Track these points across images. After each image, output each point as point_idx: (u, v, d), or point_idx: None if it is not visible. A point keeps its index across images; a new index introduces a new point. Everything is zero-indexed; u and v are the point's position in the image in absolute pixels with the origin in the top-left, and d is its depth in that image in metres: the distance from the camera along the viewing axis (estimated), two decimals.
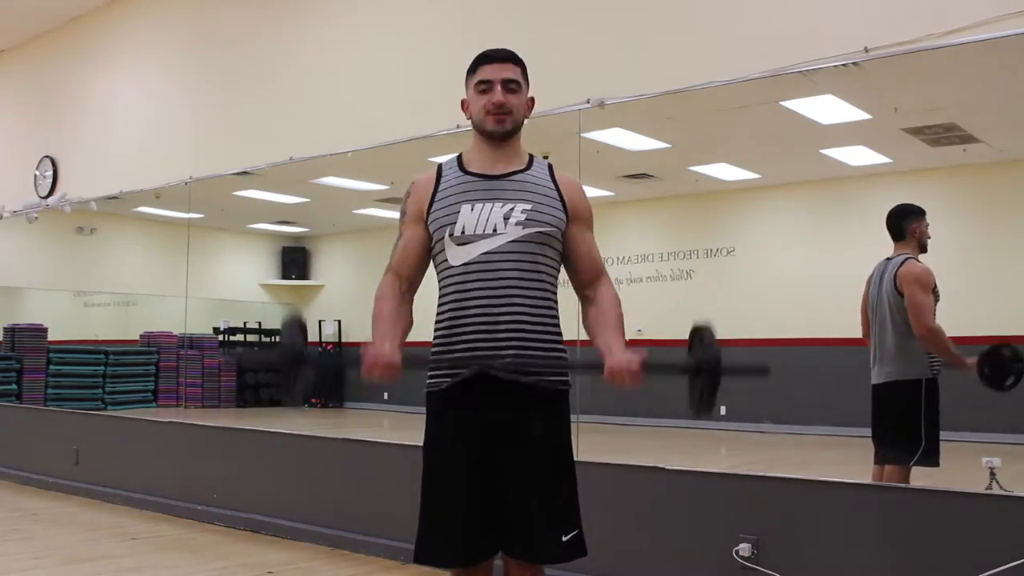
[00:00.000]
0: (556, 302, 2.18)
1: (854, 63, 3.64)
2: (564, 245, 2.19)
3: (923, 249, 3.93)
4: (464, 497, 2.07)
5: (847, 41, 3.61)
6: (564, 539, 2.07)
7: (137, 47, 7.40)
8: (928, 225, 3.94)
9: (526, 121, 2.24)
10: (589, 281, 2.22)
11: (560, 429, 2.16)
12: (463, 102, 2.24)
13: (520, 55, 2.21)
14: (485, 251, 2.09)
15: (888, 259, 3.97)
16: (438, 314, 2.16)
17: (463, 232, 2.10)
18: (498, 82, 2.14)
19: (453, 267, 2.12)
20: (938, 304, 3.83)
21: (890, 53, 3.51)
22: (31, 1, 7.77)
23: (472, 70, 2.20)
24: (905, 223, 3.93)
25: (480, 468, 2.07)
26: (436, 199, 2.16)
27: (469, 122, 2.23)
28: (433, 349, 2.16)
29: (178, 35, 7.04)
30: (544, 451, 2.11)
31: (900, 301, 3.82)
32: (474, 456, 2.07)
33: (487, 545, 2.09)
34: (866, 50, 3.54)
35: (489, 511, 2.07)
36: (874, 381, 3.94)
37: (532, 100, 2.23)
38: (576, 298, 2.28)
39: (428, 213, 2.16)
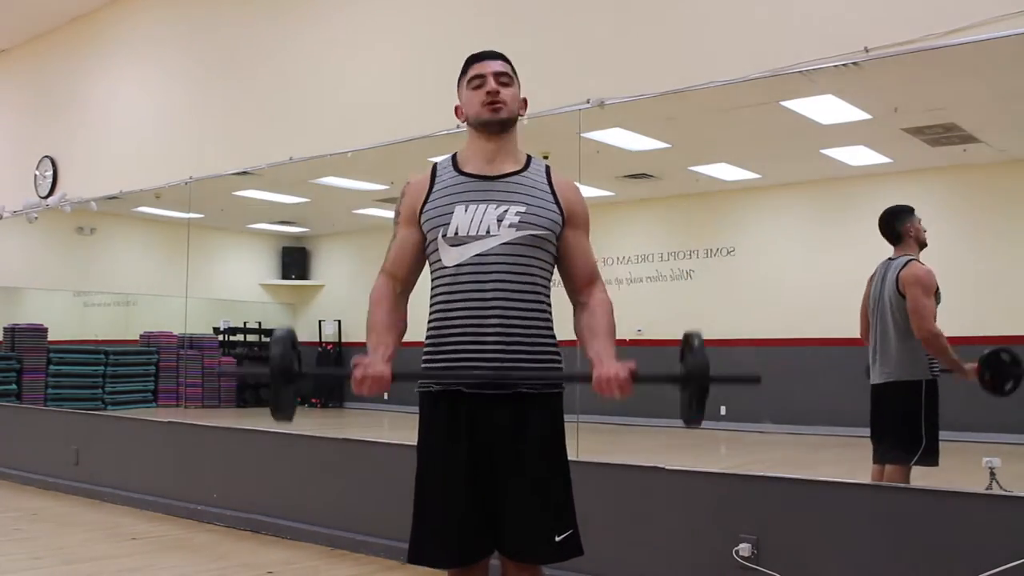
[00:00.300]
0: (549, 304, 2.17)
1: (854, 63, 3.64)
2: (559, 248, 2.18)
3: (922, 246, 3.92)
4: (459, 497, 2.06)
5: (847, 41, 3.60)
6: (558, 539, 2.07)
7: (137, 47, 7.40)
8: (920, 220, 3.93)
9: (523, 122, 2.24)
10: (583, 287, 2.20)
11: (554, 428, 2.15)
12: (457, 108, 2.24)
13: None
14: (477, 252, 2.09)
15: (890, 259, 3.95)
16: (429, 314, 2.17)
17: (456, 233, 2.10)
18: (490, 75, 2.17)
19: (446, 268, 2.12)
20: (939, 306, 3.82)
21: (890, 53, 3.51)
22: (31, 1, 7.77)
23: (463, 71, 2.24)
24: (898, 224, 3.92)
25: (474, 468, 2.06)
26: (430, 199, 2.16)
27: (465, 124, 2.24)
28: (424, 349, 2.16)
29: (178, 35, 7.04)
30: (539, 450, 2.10)
31: (902, 303, 3.81)
32: (468, 456, 2.07)
33: (482, 545, 2.08)
34: (866, 50, 3.54)
35: (484, 511, 2.06)
36: (874, 381, 3.93)
37: (524, 101, 2.24)
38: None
39: (422, 213, 2.16)
